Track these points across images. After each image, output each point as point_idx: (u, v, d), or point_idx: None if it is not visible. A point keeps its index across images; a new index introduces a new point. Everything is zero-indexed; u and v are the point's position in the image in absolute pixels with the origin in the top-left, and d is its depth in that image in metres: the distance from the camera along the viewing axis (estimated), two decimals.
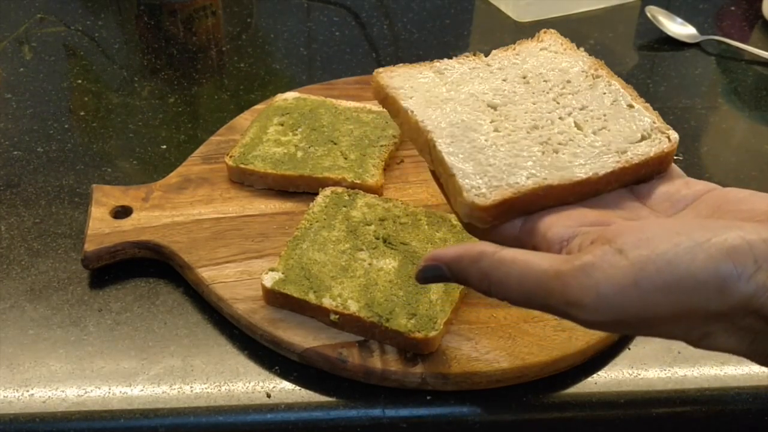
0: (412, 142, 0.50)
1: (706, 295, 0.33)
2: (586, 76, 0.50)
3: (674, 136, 0.46)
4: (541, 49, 0.53)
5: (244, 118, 0.72)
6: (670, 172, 0.45)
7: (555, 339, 0.52)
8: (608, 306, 0.34)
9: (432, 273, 0.41)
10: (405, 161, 0.68)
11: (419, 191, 0.65)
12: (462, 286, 0.53)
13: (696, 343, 0.36)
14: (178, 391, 0.52)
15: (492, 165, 0.44)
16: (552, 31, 0.54)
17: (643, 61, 0.89)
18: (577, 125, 0.47)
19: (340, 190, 0.61)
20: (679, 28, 0.92)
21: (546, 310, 0.37)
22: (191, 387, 0.52)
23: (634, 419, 0.52)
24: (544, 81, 0.50)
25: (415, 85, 0.50)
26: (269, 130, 0.68)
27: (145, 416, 0.50)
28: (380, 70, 0.52)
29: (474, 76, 0.51)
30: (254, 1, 0.99)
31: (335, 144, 0.66)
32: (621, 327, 0.36)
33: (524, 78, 0.51)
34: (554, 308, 0.36)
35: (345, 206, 0.60)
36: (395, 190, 0.65)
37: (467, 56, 0.53)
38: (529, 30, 0.93)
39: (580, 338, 0.53)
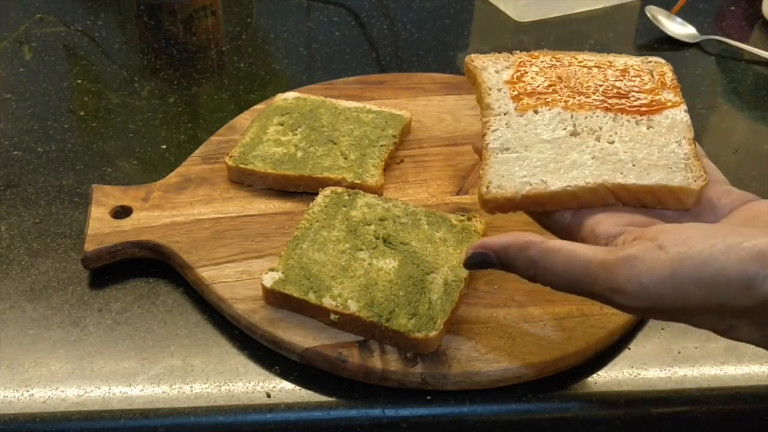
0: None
1: (734, 291, 0.37)
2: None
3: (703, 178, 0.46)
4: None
5: (244, 118, 0.72)
6: (712, 181, 0.46)
7: (555, 339, 0.52)
8: (647, 294, 0.38)
9: (480, 259, 0.44)
10: (405, 161, 0.68)
11: (419, 191, 0.65)
12: (462, 286, 0.54)
13: (722, 333, 0.40)
14: (178, 391, 0.52)
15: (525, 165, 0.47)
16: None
17: None
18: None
19: (340, 190, 0.61)
20: (679, 27, 0.92)
21: (588, 296, 0.41)
22: (191, 387, 0.52)
23: (634, 419, 0.52)
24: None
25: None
26: (269, 130, 0.68)
27: (145, 416, 0.50)
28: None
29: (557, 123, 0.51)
30: (254, 1, 0.99)
31: (335, 144, 0.66)
32: (656, 314, 0.40)
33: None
34: (598, 294, 0.40)
35: (345, 206, 0.60)
36: (395, 190, 0.65)
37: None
38: (529, 30, 0.94)
39: (580, 338, 0.53)
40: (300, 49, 0.90)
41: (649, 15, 0.93)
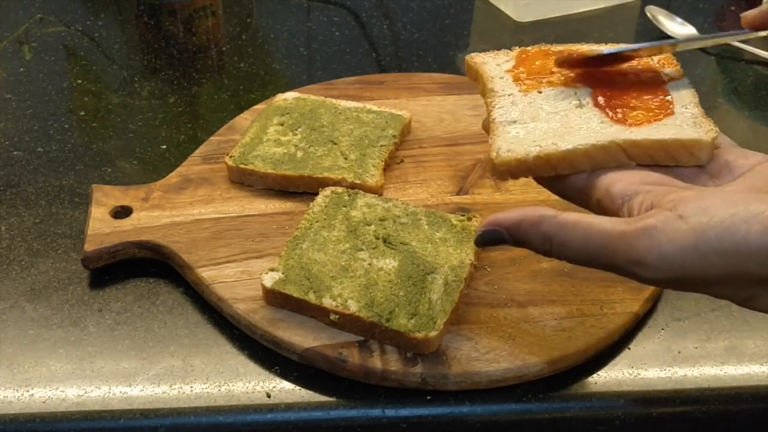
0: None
1: (758, 260, 0.36)
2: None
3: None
4: None
5: (244, 118, 0.72)
6: (726, 146, 0.46)
7: (555, 339, 0.52)
8: (669, 265, 0.37)
9: (491, 236, 0.43)
10: (405, 161, 0.68)
11: (419, 191, 0.65)
12: (462, 286, 0.54)
13: (741, 303, 0.40)
14: (178, 391, 0.52)
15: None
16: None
17: None
18: None
19: (340, 190, 0.61)
20: (679, 28, 0.92)
21: (608, 269, 0.40)
22: (191, 387, 0.52)
23: (634, 419, 0.52)
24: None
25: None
26: (269, 130, 0.68)
27: (145, 416, 0.50)
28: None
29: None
30: (254, 1, 0.99)
31: (335, 144, 0.66)
32: (677, 285, 0.40)
33: None
34: (618, 266, 0.39)
35: (345, 206, 0.60)
36: (395, 190, 0.65)
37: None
38: (529, 30, 0.94)
39: (580, 338, 0.53)
40: (300, 49, 0.90)
41: (649, 15, 0.93)
